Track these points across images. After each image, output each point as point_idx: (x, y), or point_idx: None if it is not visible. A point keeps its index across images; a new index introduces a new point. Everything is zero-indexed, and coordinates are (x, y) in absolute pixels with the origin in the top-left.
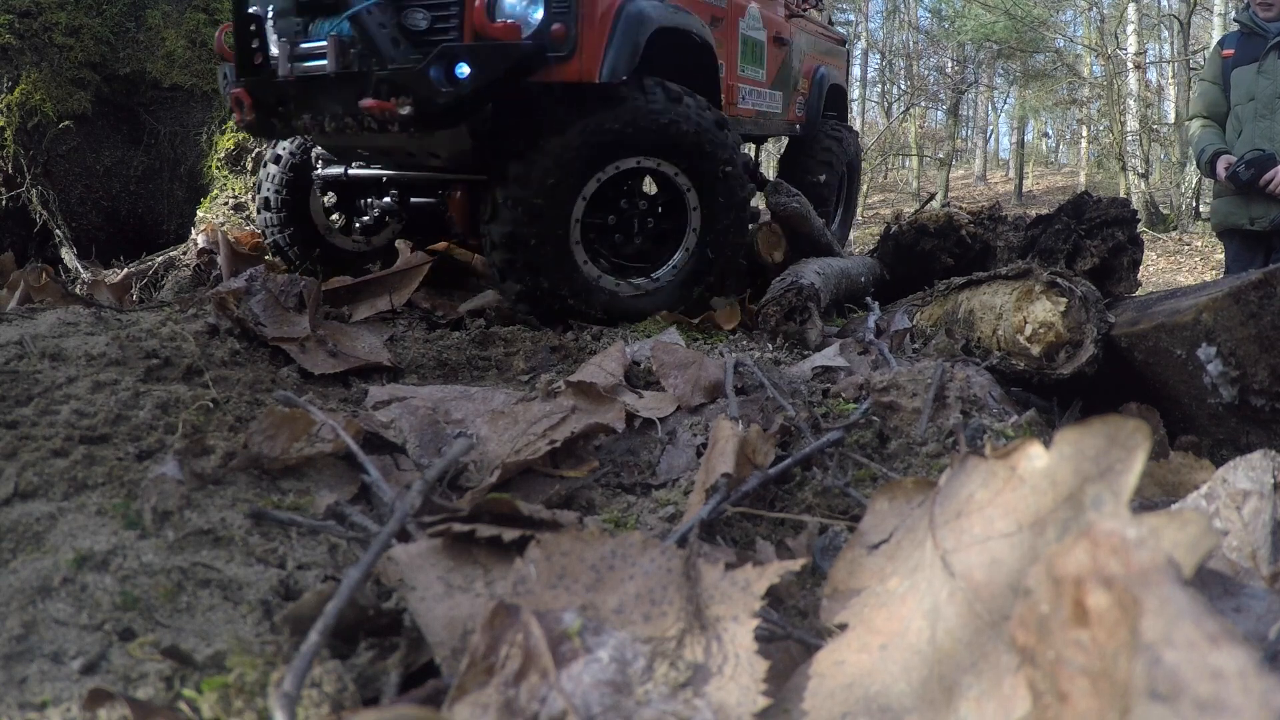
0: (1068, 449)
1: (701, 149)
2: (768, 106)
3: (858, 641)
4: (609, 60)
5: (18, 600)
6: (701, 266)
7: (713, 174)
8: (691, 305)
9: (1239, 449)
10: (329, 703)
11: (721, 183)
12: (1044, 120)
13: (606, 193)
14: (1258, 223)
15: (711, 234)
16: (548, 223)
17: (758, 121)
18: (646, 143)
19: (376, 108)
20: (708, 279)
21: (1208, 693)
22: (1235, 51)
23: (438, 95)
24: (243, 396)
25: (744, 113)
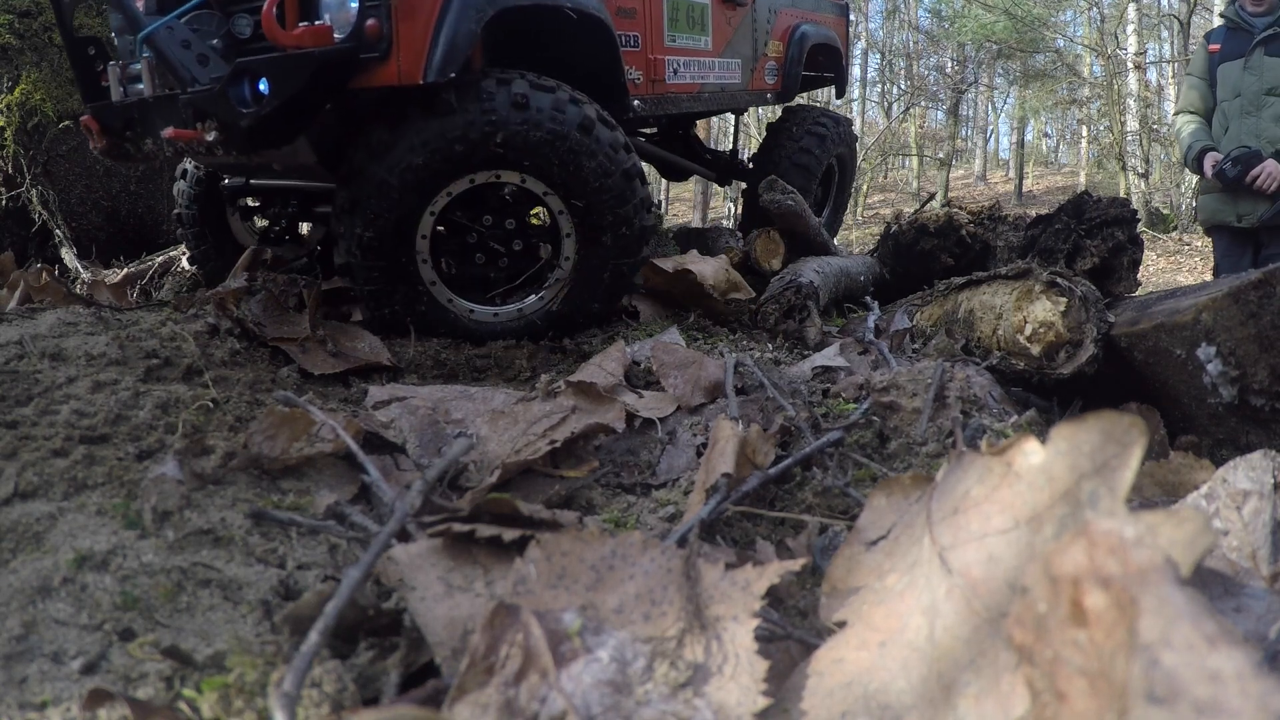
0: (1064, 445)
1: (560, 159)
2: (717, 78)
3: (856, 639)
4: (435, 56)
5: (18, 600)
6: (583, 295)
7: (584, 188)
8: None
9: (1239, 449)
10: (329, 703)
11: (597, 198)
12: (1044, 120)
13: (474, 206)
14: (1245, 220)
15: (593, 260)
16: (384, 252)
17: (701, 97)
18: (487, 156)
19: (179, 136)
20: (594, 308)
21: (1206, 695)
22: (1222, 47)
23: (240, 117)
24: (243, 396)
25: (678, 89)
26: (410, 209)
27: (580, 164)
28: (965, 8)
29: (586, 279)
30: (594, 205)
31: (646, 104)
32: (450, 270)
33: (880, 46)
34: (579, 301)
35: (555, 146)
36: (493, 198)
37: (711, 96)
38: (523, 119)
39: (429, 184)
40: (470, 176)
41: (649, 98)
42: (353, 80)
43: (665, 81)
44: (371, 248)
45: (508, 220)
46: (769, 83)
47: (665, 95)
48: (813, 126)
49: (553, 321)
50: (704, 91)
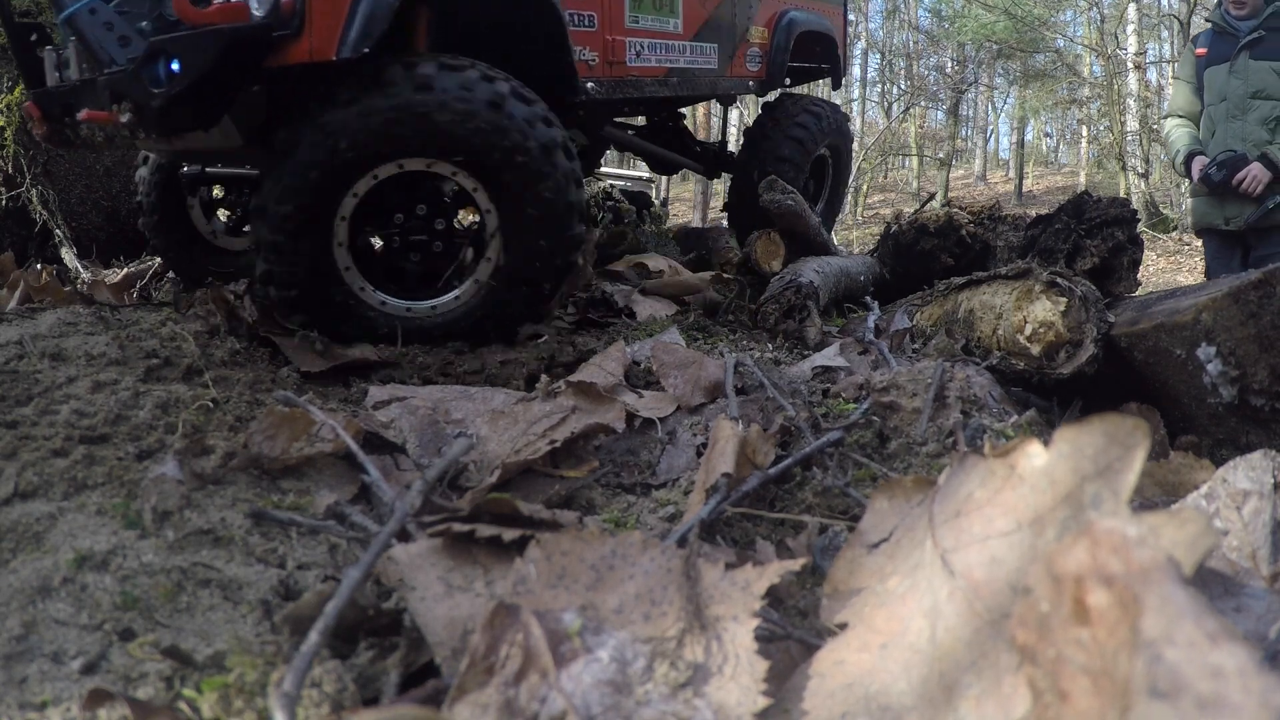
0: (1066, 448)
1: (469, 140)
2: (688, 63)
3: (858, 641)
4: (350, 32)
5: (18, 600)
6: (513, 293)
7: (497, 165)
8: (517, 334)
9: (1239, 449)
10: (329, 703)
11: (513, 174)
12: (1044, 120)
13: (402, 193)
14: (1232, 222)
15: (519, 254)
16: (299, 232)
17: (669, 82)
18: (399, 143)
19: (92, 118)
20: (529, 308)
21: (1208, 691)
22: (1208, 51)
23: (151, 98)
24: (243, 396)
25: (641, 72)
26: (325, 191)
27: (490, 141)
28: (965, 8)
29: (513, 277)
30: (510, 183)
31: (603, 87)
32: (376, 259)
33: (880, 46)
34: (503, 303)
35: (462, 126)
36: (421, 184)
37: (682, 82)
38: (426, 101)
39: (341, 168)
40: (375, 171)
41: (606, 80)
42: (268, 59)
43: (626, 64)
44: (286, 228)
45: (424, 208)
46: (751, 70)
47: (625, 79)
48: (800, 116)
49: (472, 322)
50: (673, 76)
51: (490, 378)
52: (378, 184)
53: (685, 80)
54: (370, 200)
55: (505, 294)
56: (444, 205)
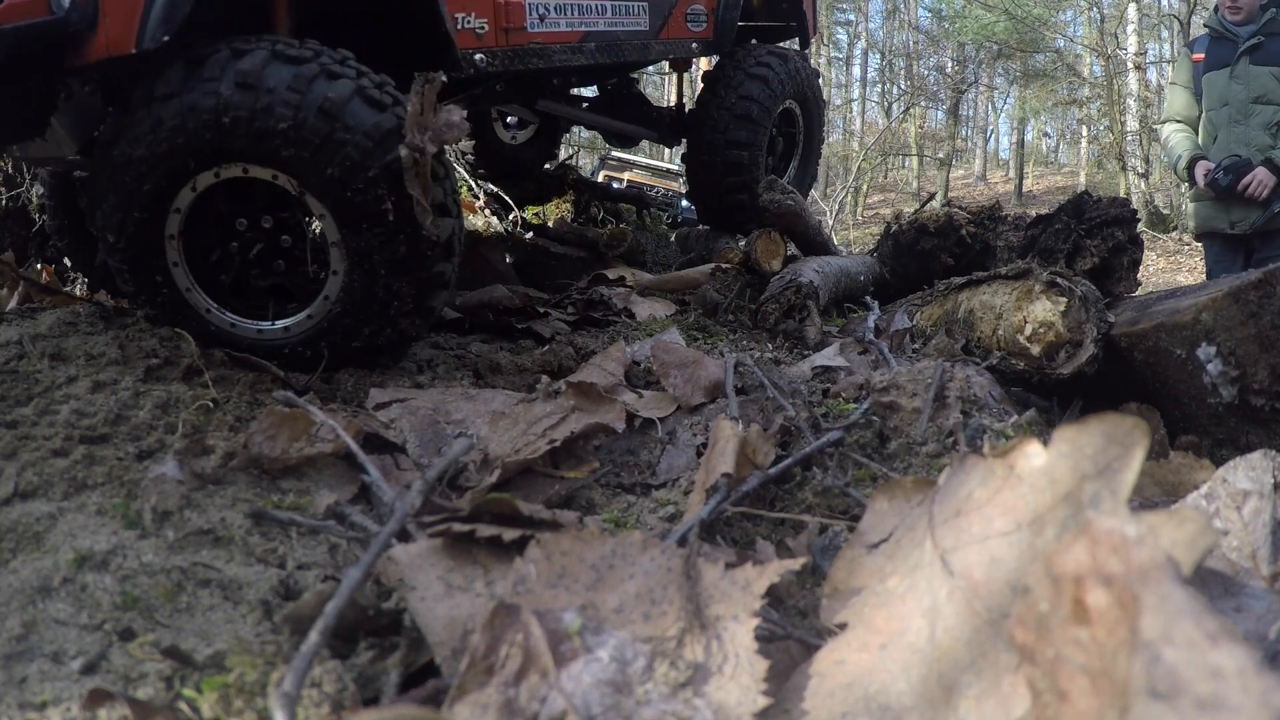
0: (1065, 447)
1: (299, 152)
2: (610, 25)
3: (857, 641)
4: (150, 19)
5: (18, 600)
6: (361, 319)
7: (333, 188)
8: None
9: (1239, 449)
10: (329, 703)
11: (351, 202)
12: (1044, 120)
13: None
14: (1237, 226)
15: (367, 269)
16: (131, 252)
17: (585, 48)
18: (218, 148)
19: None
20: (374, 335)
21: (1207, 691)
22: (1206, 56)
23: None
24: (243, 396)
25: (547, 39)
26: (148, 206)
27: (323, 158)
28: (965, 8)
29: (363, 300)
30: (349, 211)
31: (498, 59)
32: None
33: (880, 46)
34: (354, 326)
35: (289, 136)
36: (263, 196)
37: (602, 48)
38: (249, 102)
39: (163, 178)
40: (214, 170)
41: (502, 51)
42: (68, 57)
43: (526, 30)
44: (118, 247)
45: (266, 221)
46: (693, 30)
47: (526, 48)
48: (755, 69)
49: (330, 343)
50: (589, 41)
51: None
52: (205, 196)
53: (607, 46)
54: (205, 214)
55: (358, 312)
56: (286, 216)
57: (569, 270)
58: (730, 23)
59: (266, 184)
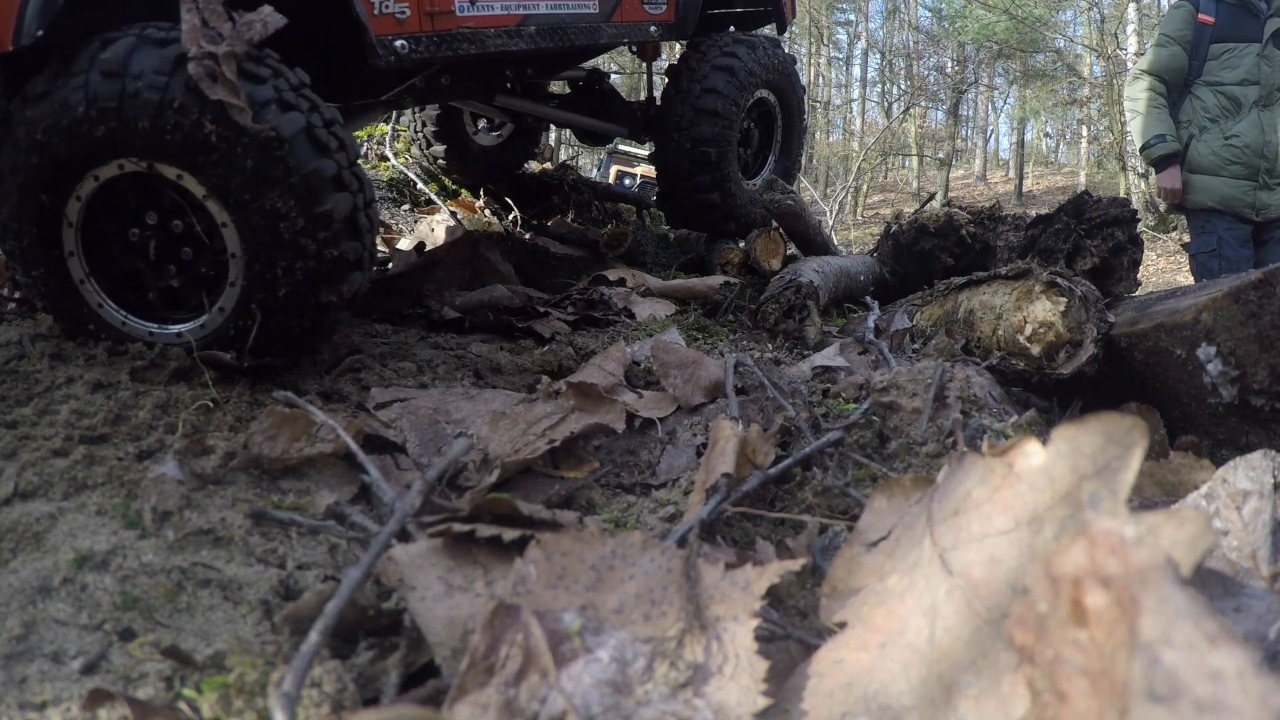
0: (1064, 447)
1: (175, 142)
2: (553, 7)
3: (857, 640)
4: (27, 14)
5: (18, 600)
6: (269, 319)
7: (221, 182)
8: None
9: (1239, 449)
10: (329, 703)
11: (249, 194)
12: (1044, 120)
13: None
14: (1263, 213)
15: (264, 274)
16: (31, 265)
17: (524, 33)
18: (97, 142)
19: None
20: (290, 336)
21: (1206, 693)
22: (1216, 21)
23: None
24: (243, 396)
25: (479, 22)
26: (36, 197)
27: (194, 138)
28: (965, 8)
29: (265, 305)
30: (237, 187)
31: (422, 45)
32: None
33: (880, 46)
34: (255, 330)
35: (158, 120)
36: (171, 196)
37: (544, 31)
38: (116, 91)
39: (43, 171)
40: (119, 163)
41: (427, 37)
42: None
43: (454, 14)
44: (9, 234)
45: (160, 218)
46: (651, 13)
47: (457, 33)
48: (720, 59)
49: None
50: (529, 25)
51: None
52: (107, 187)
53: (549, 29)
54: (108, 206)
55: (257, 320)
56: (186, 215)
57: (569, 270)
58: (693, 5)
59: (173, 183)
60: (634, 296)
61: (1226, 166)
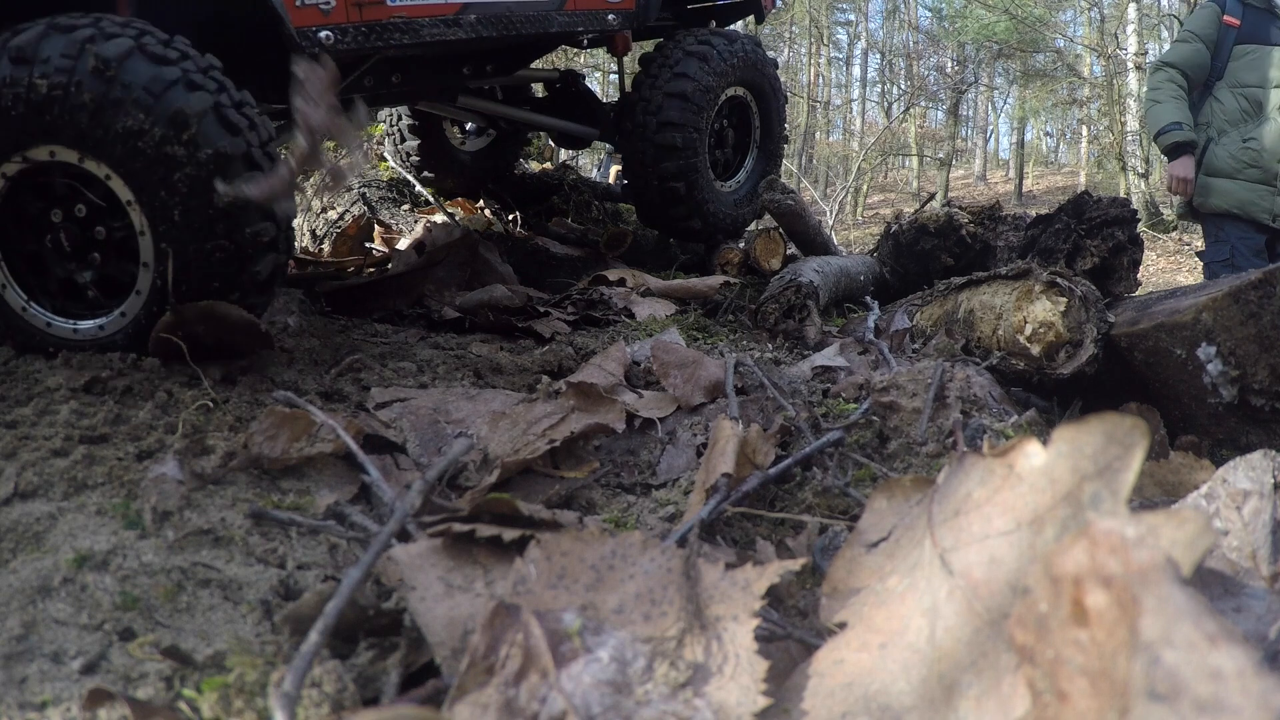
0: (1065, 447)
1: (77, 121)
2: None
3: (857, 640)
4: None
5: (18, 600)
6: None
7: (136, 166)
8: None
9: (1239, 449)
10: (329, 703)
11: (156, 179)
12: (1044, 120)
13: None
14: (1279, 219)
15: (178, 262)
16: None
17: (463, 21)
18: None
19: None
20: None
21: (1207, 693)
22: (1241, 24)
23: None
24: (243, 396)
25: (412, 11)
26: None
27: (100, 120)
28: (965, 8)
29: (182, 290)
30: (143, 172)
31: (349, 36)
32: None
33: (880, 46)
34: None
35: (64, 104)
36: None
37: (488, 20)
38: (21, 76)
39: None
40: (21, 155)
41: (354, 27)
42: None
43: (385, 3)
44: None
45: (79, 210)
46: (610, 1)
47: (388, 23)
48: (693, 47)
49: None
50: (469, 13)
51: None
52: (16, 184)
53: (492, 18)
54: (18, 204)
55: (171, 303)
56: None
57: (569, 270)
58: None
59: (77, 169)
60: (634, 296)
61: (1244, 170)
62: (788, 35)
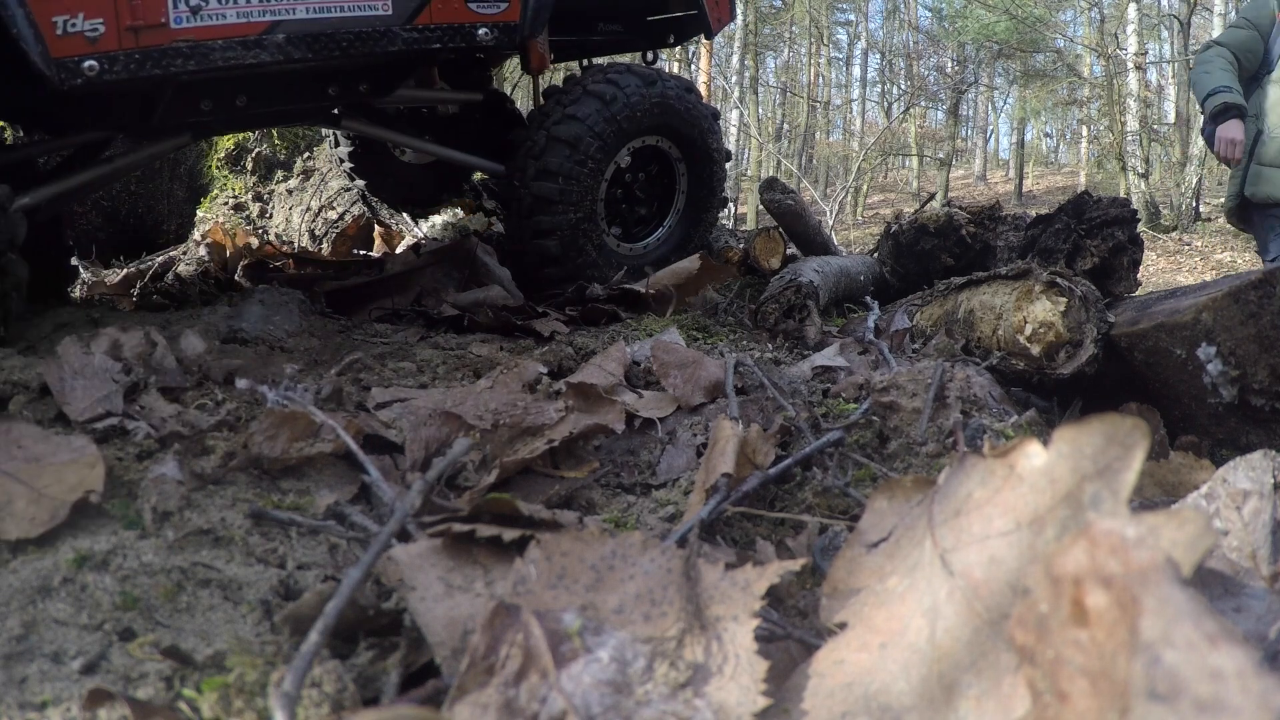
0: (1066, 447)
1: None
2: (317, 9)
3: (857, 640)
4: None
5: (18, 600)
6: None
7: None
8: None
9: (1239, 449)
10: (329, 703)
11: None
12: (1044, 120)
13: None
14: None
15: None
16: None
17: (271, 43)
18: None
19: None
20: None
21: (1207, 693)
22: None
23: None
24: (243, 396)
25: (203, 34)
26: None
27: None
28: (965, 8)
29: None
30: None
31: (120, 65)
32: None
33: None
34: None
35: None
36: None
37: (302, 40)
38: None
39: None
40: None
41: (128, 55)
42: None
43: (169, 26)
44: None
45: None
46: (482, 13)
47: (169, 48)
48: (595, 85)
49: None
50: (279, 33)
51: None
52: None
53: (308, 38)
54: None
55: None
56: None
57: None
58: (544, 3)
59: None
60: None
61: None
62: (788, 35)
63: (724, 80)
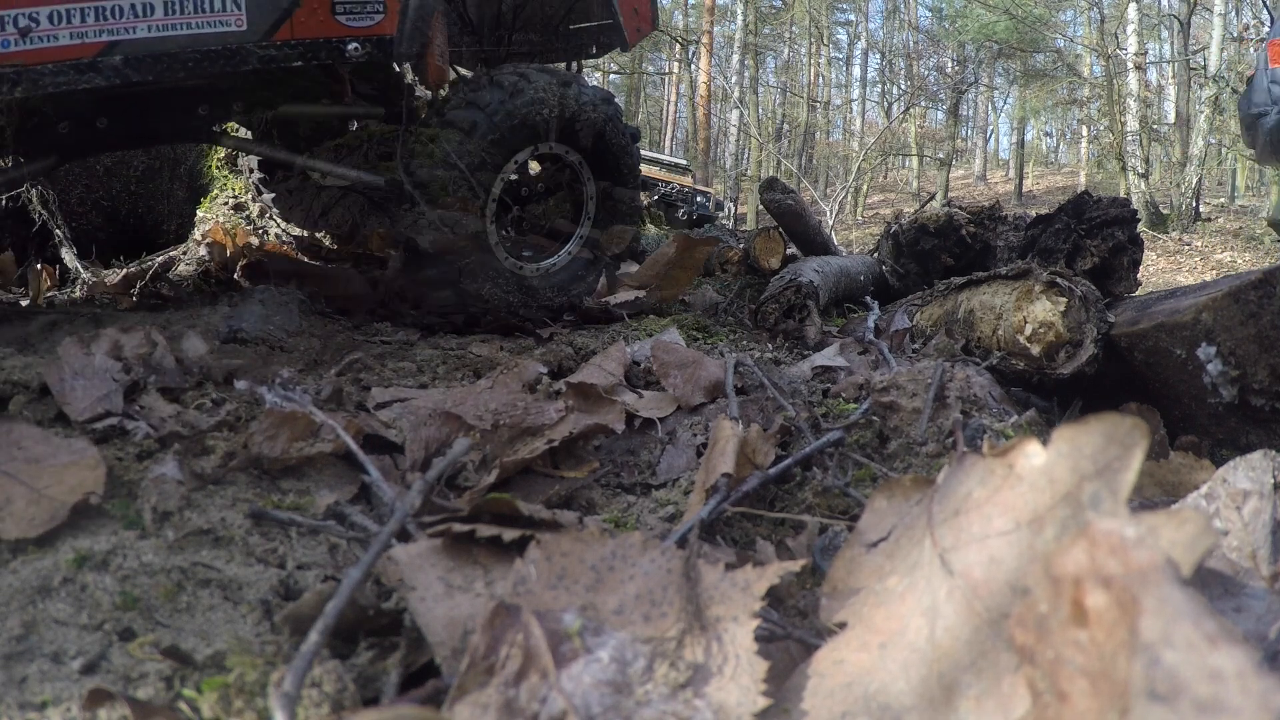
0: (1065, 447)
1: None
2: (165, 27)
3: (857, 640)
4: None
5: (18, 600)
6: None
7: None
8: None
9: (1239, 449)
10: (329, 703)
11: None
12: (1044, 120)
13: None
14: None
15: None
16: None
17: (106, 65)
18: None
19: None
20: None
21: (1207, 693)
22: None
23: None
24: (243, 396)
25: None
26: None
27: None
28: (965, 8)
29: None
30: None
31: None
32: None
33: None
34: None
35: None
36: None
37: (143, 61)
38: None
39: None
40: None
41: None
42: None
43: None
44: None
45: None
46: (350, 25)
47: None
48: (474, 93)
49: None
50: (116, 55)
51: None
52: None
53: (148, 58)
54: None
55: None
56: None
57: None
58: (428, 11)
59: None
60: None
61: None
62: (788, 35)
63: (724, 80)
